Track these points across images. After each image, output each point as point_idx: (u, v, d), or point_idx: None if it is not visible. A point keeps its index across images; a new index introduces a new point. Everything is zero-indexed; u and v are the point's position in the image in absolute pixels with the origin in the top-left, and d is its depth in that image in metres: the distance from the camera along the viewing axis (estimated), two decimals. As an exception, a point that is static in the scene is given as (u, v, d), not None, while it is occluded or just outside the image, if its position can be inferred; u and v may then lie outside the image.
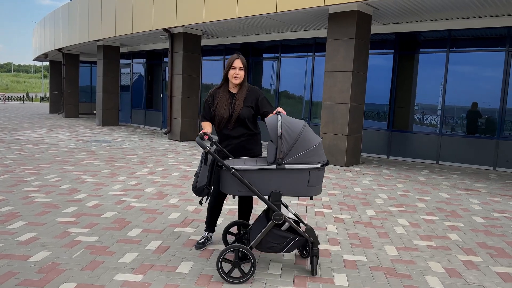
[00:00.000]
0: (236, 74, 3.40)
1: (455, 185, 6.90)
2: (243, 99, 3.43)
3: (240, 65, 3.40)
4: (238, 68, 3.39)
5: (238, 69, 3.39)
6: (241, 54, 3.49)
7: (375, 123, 10.32)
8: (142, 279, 3.04)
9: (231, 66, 3.41)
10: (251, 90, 3.50)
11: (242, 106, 3.41)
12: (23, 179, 6.15)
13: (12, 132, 12.61)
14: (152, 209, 4.87)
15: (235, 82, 3.43)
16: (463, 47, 9.11)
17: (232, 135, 3.47)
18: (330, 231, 4.31)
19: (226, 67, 3.44)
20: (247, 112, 3.42)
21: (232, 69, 3.41)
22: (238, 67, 3.40)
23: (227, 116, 3.41)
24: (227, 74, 3.45)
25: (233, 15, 9.31)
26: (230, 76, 3.42)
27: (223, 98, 3.46)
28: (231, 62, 3.41)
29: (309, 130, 3.02)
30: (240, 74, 3.40)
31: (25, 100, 41.82)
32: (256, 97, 3.47)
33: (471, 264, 3.55)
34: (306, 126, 3.02)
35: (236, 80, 3.42)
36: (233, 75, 3.41)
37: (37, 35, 22.97)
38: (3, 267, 3.15)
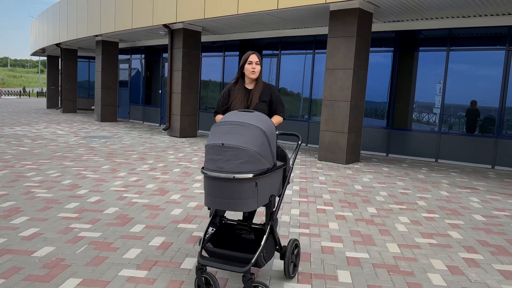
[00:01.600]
0: (253, 68, 3.40)
1: (455, 183, 6.94)
2: (259, 94, 3.44)
3: (256, 59, 3.40)
4: (254, 63, 3.40)
5: (254, 64, 3.40)
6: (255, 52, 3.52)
7: (374, 121, 10.34)
8: (147, 275, 3.05)
9: (247, 61, 3.41)
10: (267, 87, 3.51)
11: (258, 102, 3.41)
12: (24, 175, 6.13)
13: (10, 127, 12.56)
14: (154, 205, 4.87)
15: (252, 76, 3.43)
16: (463, 45, 9.13)
17: None
18: (332, 228, 4.33)
19: (242, 63, 3.45)
20: (263, 107, 3.43)
21: (248, 64, 3.41)
22: (255, 61, 3.40)
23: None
24: (243, 69, 3.45)
25: (234, 11, 9.30)
26: (247, 71, 3.42)
27: (239, 94, 3.46)
28: (247, 57, 3.41)
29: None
30: (256, 68, 3.41)
31: (21, 95, 41.62)
32: (271, 93, 3.49)
33: (473, 261, 3.58)
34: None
35: (253, 74, 3.42)
36: (251, 70, 3.41)
37: (35, 29, 22.84)
38: (7, 262, 3.15)
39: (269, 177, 2.71)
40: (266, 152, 2.62)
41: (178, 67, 11.82)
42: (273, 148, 2.71)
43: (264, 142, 2.62)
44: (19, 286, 2.79)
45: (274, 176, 2.78)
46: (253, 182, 2.54)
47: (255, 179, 2.54)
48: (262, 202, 2.67)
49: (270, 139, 2.67)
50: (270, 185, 2.74)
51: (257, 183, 2.56)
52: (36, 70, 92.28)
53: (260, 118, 2.75)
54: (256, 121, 2.70)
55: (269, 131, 2.69)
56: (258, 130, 2.62)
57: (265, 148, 2.62)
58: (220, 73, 13.70)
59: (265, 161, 2.60)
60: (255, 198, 2.58)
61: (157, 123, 15.82)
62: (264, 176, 2.61)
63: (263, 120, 2.75)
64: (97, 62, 15.92)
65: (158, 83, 15.89)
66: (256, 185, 2.56)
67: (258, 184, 2.57)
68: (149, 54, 16.37)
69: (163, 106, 15.24)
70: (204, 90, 14.32)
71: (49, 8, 18.76)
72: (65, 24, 16.77)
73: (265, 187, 2.66)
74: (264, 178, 2.62)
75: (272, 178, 2.75)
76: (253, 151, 2.53)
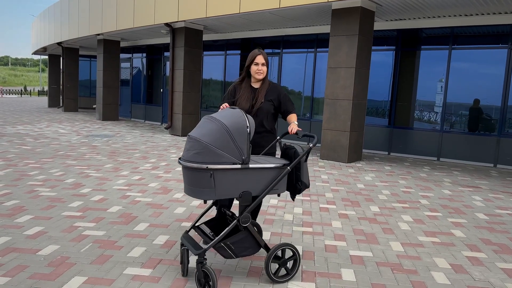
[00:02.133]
0: (259, 70, 3.40)
1: (457, 182, 6.94)
2: (265, 93, 3.43)
3: (262, 60, 3.39)
4: (260, 64, 3.39)
5: (260, 65, 3.40)
6: (262, 50, 3.48)
7: (376, 120, 10.34)
8: (152, 273, 3.07)
9: (253, 62, 3.40)
10: (273, 86, 3.51)
11: (263, 100, 3.41)
12: (27, 173, 6.15)
13: (12, 126, 12.58)
14: (157, 203, 4.89)
15: (258, 77, 3.43)
16: (465, 44, 9.12)
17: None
18: (335, 226, 4.34)
19: (248, 62, 3.44)
20: (268, 107, 3.43)
21: (254, 65, 3.41)
22: (261, 63, 3.39)
23: (247, 109, 3.39)
24: (249, 68, 3.44)
25: (236, 10, 9.29)
26: (253, 72, 3.42)
27: (245, 92, 3.45)
28: (253, 58, 3.40)
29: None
30: (263, 69, 3.41)
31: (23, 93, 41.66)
32: (277, 93, 3.47)
33: (476, 260, 3.59)
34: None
35: (259, 75, 3.42)
36: (256, 71, 3.41)
37: (36, 28, 22.85)
38: (13, 260, 3.16)
39: (239, 173, 2.77)
40: (227, 146, 2.71)
41: (180, 66, 11.82)
42: (239, 144, 2.75)
43: (224, 137, 2.72)
44: (25, 285, 2.80)
45: (251, 173, 2.81)
46: (207, 173, 2.68)
47: (209, 170, 2.67)
48: (226, 195, 2.78)
49: (234, 135, 2.74)
50: (240, 181, 2.79)
51: (212, 174, 2.68)
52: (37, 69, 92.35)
53: (232, 114, 2.84)
54: (224, 116, 2.82)
55: (234, 127, 2.75)
56: (219, 124, 2.75)
57: (226, 142, 2.72)
58: (222, 71, 13.71)
59: (228, 155, 2.71)
60: (212, 189, 2.72)
61: (159, 122, 15.83)
62: (227, 170, 2.72)
63: (234, 116, 2.81)
64: (98, 61, 15.92)
65: (159, 82, 15.90)
66: (212, 176, 2.68)
67: (214, 176, 2.69)
68: (151, 53, 16.37)
69: (164, 105, 15.26)
70: (206, 89, 14.33)
71: (51, 7, 18.76)
72: (66, 23, 16.77)
73: (229, 180, 2.75)
74: (227, 171, 2.72)
75: (246, 174, 2.80)
76: (205, 143, 2.68)
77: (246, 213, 2.84)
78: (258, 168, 2.84)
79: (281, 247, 2.97)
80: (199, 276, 2.79)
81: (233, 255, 2.88)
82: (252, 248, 2.94)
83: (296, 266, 3.04)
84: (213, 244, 2.79)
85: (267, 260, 2.93)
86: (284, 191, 3.04)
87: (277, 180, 2.89)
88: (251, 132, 2.83)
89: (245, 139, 2.77)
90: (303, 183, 3.06)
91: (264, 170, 2.87)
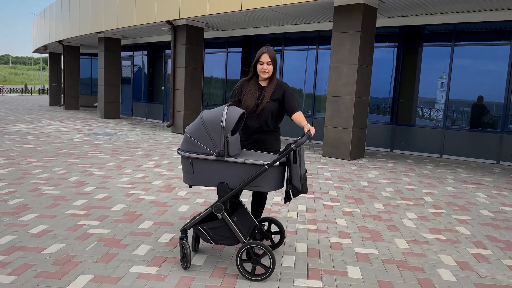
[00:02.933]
0: (264, 69, 3.34)
1: (460, 179, 6.93)
2: (271, 93, 3.39)
3: (267, 59, 3.33)
4: (266, 63, 3.33)
5: (266, 64, 3.33)
6: (270, 47, 3.41)
7: (378, 117, 10.32)
8: (158, 271, 3.06)
9: (259, 60, 3.35)
10: (280, 85, 3.45)
11: (269, 100, 3.37)
12: (30, 172, 6.14)
13: (14, 124, 12.58)
14: (161, 201, 4.88)
15: (263, 77, 3.39)
16: (468, 40, 9.09)
17: (255, 128, 3.41)
18: (340, 224, 4.33)
19: (255, 60, 3.40)
20: (273, 106, 3.39)
21: (259, 64, 3.36)
22: (266, 61, 3.33)
23: (252, 107, 3.37)
24: (256, 66, 3.39)
25: (238, 7, 9.26)
26: (259, 70, 3.38)
27: (252, 90, 3.42)
28: (260, 55, 3.35)
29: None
30: (268, 69, 3.34)
31: (23, 92, 41.66)
32: (283, 91, 3.43)
33: (482, 257, 3.58)
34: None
35: (265, 74, 3.37)
36: (261, 70, 3.36)
37: (36, 27, 22.82)
38: (19, 259, 3.16)
39: (215, 164, 2.96)
40: (203, 138, 2.97)
41: (181, 63, 11.81)
42: (213, 136, 2.94)
43: (200, 129, 2.98)
44: (31, 283, 2.80)
45: (228, 166, 2.95)
46: (188, 160, 3.00)
47: (188, 158, 2.98)
48: (204, 183, 3.02)
49: (209, 129, 2.95)
50: (217, 172, 2.97)
51: (191, 162, 2.99)
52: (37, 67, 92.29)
53: (214, 110, 3.03)
54: (207, 112, 3.04)
55: (209, 121, 2.96)
56: (200, 118, 3.03)
57: (203, 134, 2.97)
58: (223, 69, 13.68)
59: (204, 146, 2.96)
60: (191, 175, 3.02)
61: (160, 120, 15.83)
62: (203, 160, 2.97)
63: (214, 112, 3.01)
64: (99, 59, 15.90)
65: (160, 80, 15.88)
66: (191, 164, 2.99)
67: (193, 164, 2.99)
68: (152, 51, 16.34)
69: (166, 103, 15.24)
70: (207, 87, 14.31)
71: (51, 5, 18.73)
72: (67, 21, 16.74)
73: (206, 170, 2.99)
74: (203, 161, 2.97)
75: (222, 166, 2.96)
76: (187, 134, 3.02)
77: (219, 203, 2.98)
78: (234, 162, 2.95)
79: (247, 246, 2.96)
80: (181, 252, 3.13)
81: (210, 240, 3.10)
82: (230, 239, 3.06)
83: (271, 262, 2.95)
84: (191, 225, 3.10)
85: (236, 260, 2.99)
86: (271, 189, 3.01)
87: (252, 177, 2.91)
88: (228, 128, 2.93)
89: (218, 132, 2.92)
90: (294, 187, 2.94)
91: (242, 165, 2.95)
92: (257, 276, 2.98)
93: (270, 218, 3.60)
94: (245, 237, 3.05)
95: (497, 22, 8.62)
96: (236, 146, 3.10)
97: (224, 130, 2.90)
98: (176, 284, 2.87)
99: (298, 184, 2.92)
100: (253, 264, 2.98)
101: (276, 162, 2.90)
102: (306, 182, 3.07)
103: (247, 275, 2.97)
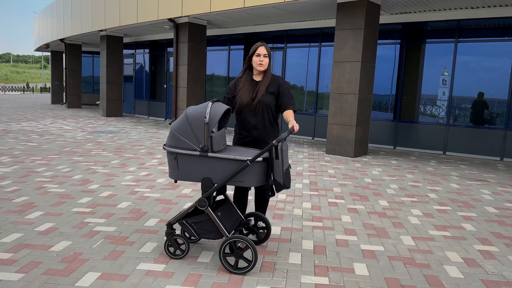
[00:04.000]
0: (260, 61, 3.36)
1: (464, 176, 6.92)
2: (266, 86, 3.40)
3: (264, 52, 3.36)
4: (262, 55, 3.36)
5: (262, 56, 3.36)
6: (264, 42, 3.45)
7: (381, 114, 10.31)
8: (165, 268, 3.07)
9: (255, 52, 3.38)
10: (275, 78, 3.46)
11: (265, 93, 3.37)
12: (34, 170, 6.15)
13: (17, 122, 12.60)
14: (166, 199, 4.89)
15: (259, 69, 3.39)
16: (472, 37, 9.06)
17: (252, 125, 3.41)
18: (345, 221, 4.33)
19: (250, 53, 3.41)
20: (269, 100, 3.39)
21: (256, 56, 3.38)
22: (263, 54, 3.36)
23: (247, 101, 3.36)
24: (251, 60, 3.41)
25: (240, 4, 9.24)
26: (255, 63, 3.39)
27: (246, 85, 3.42)
28: (256, 48, 3.38)
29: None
30: (264, 61, 3.37)
31: (25, 90, 41.69)
32: (278, 85, 3.43)
33: (488, 254, 3.58)
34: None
35: (261, 67, 3.38)
36: (258, 62, 3.37)
37: (38, 25, 22.81)
38: (26, 256, 3.17)
39: (199, 159, 3.01)
40: (187, 134, 3.01)
41: (183, 61, 11.80)
42: (197, 132, 2.98)
43: (184, 125, 3.03)
44: (39, 281, 2.81)
45: (211, 161, 3.00)
46: (172, 155, 3.07)
47: (173, 153, 3.05)
48: (188, 178, 3.08)
49: (193, 125, 3.00)
50: (201, 167, 3.03)
51: (176, 157, 3.05)
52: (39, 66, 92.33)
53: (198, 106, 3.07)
54: (191, 108, 3.09)
55: (193, 117, 3.01)
56: (184, 114, 3.07)
57: (187, 130, 3.02)
58: (226, 67, 13.67)
59: (188, 141, 3.01)
60: (176, 170, 3.08)
61: (163, 118, 15.83)
62: (187, 155, 3.02)
63: (198, 108, 3.05)
64: (101, 57, 15.90)
65: (162, 78, 15.87)
66: (176, 159, 3.05)
67: (177, 159, 3.05)
68: (154, 49, 16.33)
69: (168, 101, 15.24)
70: (210, 84, 14.30)
71: (53, 3, 18.72)
72: (69, 19, 16.74)
73: (190, 165, 3.04)
74: (187, 156, 3.03)
75: (206, 162, 3.01)
76: (172, 130, 3.07)
77: (203, 198, 3.04)
78: (218, 158, 2.99)
79: (229, 240, 3.00)
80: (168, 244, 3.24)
81: (195, 234, 3.15)
82: (214, 233, 3.11)
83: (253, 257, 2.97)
84: (176, 219, 3.17)
85: (219, 253, 3.04)
86: (254, 185, 3.06)
87: (234, 172, 2.96)
88: (211, 123, 2.97)
89: (201, 128, 2.97)
90: (277, 182, 2.99)
91: (226, 161, 2.99)
92: (239, 270, 3.01)
93: (257, 214, 3.60)
94: (228, 231, 3.10)
95: (501, 18, 8.59)
96: (221, 141, 3.13)
97: (207, 126, 2.95)
98: (184, 281, 2.88)
99: (280, 179, 2.99)
100: (235, 258, 3.02)
101: (257, 158, 2.95)
102: (290, 177, 3.14)
103: (229, 268, 3.02)
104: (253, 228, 3.58)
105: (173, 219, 3.20)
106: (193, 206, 3.12)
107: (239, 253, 3.01)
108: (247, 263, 3.01)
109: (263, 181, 3.09)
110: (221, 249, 3.03)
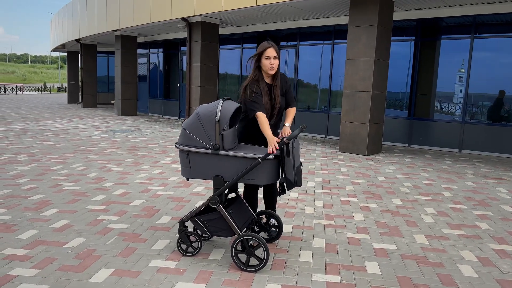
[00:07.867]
0: (271, 64, 3.22)
1: (480, 174, 6.80)
2: (279, 88, 3.36)
3: (274, 54, 3.21)
4: (272, 58, 3.21)
5: (272, 59, 3.21)
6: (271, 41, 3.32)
7: (395, 111, 10.20)
8: (177, 265, 3.10)
9: (264, 55, 3.22)
10: (282, 77, 3.41)
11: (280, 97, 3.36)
12: (51, 168, 6.27)
13: (34, 122, 12.84)
14: (179, 197, 4.92)
15: (270, 73, 3.26)
16: (488, 32, 8.89)
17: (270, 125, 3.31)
18: (357, 219, 4.30)
19: (258, 56, 3.27)
20: (283, 102, 3.40)
21: (266, 59, 3.22)
22: (273, 56, 3.21)
23: (269, 108, 3.32)
24: (259, 62, 3.28)
25: (253, 3, 9.24)
26: (265, 67, 3.24)
27: (266, 91, 3.31)
28: (263, 50, 3.21)
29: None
30: (275, 63, 3.23)
31: (42, 90, 42.44)
32: (284, 81, 3.41)
33: (504, 253, 3.52)
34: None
35: (272, 70, 3.25)
36: (269, 66, 3.22)
37: (54, 26, 23.18)
38: (42, 253, 3.23)
39: (211, 157, 3.02)
40: (199, 132, 3.02)
41: (196, 60, 11.86)
42: (208, 130, 2.99)
43: (196, 123, 3.03)
44: (54, 277, 2.86)
45: (223, 159, 3.00)
46: (184, 153, 3.08)
47: (185, 152, 3.07)
48: (200, 176, 3.09)
49: (203, 122, 3.00)
50: (213, 165, 3.04)
51: (188, 155, 3.06)
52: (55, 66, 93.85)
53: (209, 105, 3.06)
54: (203, 106, 3.09)
55: (203, 114, 3.01)
56: (195, 112, 3.07)
57: (198, 128, 3.02)
58: (238, 65, 13.69)
59: (200, 139, 3.02)
60: (188, 168, 3.10)
61: (176, 117, 15.94)
62: (199, 153, 3.03)
63: (209, 106, 3.05)
64: (116, 57, 16.09)
65: (176, 77, 15.98)
66: (188, 157, 3.06)
67: (189, 157, 3.06)
68: (167, 48, 16.45)
69: (181, 100, 15.34)
70: (223, 83, 14.34)
71: (69, 4, 19.00)
72: (84, 20, 16.97)
73: (202, 163, 3.05)
74: (199, 154, 3.04)
75: (217, 159, 3.01)
76: (183, 128, 3.09)
77: (215, 196, 3.04)
78: (229, 156, 2.99)
79: (242, 237, 3.01)
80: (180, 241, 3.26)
81: (207, 232, 3.16)
82: (226, 231, 3.11)
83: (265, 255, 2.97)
84: (189, 217, 3.18)
85: (231, 250, 3.05)
86: (265, 182, 3.05)
87: (246, 170, 2.96)
88: (222, 121, 2.95)
89: (213, 126, 2.97)
90: (288, 180, 3.00)
91: (237, 158, 2.99)
92: (250, 267, 3.02)
93: (269, 212, 3.60)
94: (240, 229, 3.10)
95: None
96: (232, 139, 3.12)
97: (218, 124, 2.95)
98: (195, 278, 2.90)
99: (291, 177, 2.99)
100: (247, 255, 3.03)
101: (269, 156, 2.95)
102: (301, 175, 3.13)
103: (241, 266, 3.03)
104: (265, 226, 3.59)
105: (186, 217, 3.22)
106: (205, 204, 3.13)
107: (250, 250, 3.02)
108: (259, 261, 3.02)
109: (274, 179, 3.09)
110: (233, 247, 3.04)
